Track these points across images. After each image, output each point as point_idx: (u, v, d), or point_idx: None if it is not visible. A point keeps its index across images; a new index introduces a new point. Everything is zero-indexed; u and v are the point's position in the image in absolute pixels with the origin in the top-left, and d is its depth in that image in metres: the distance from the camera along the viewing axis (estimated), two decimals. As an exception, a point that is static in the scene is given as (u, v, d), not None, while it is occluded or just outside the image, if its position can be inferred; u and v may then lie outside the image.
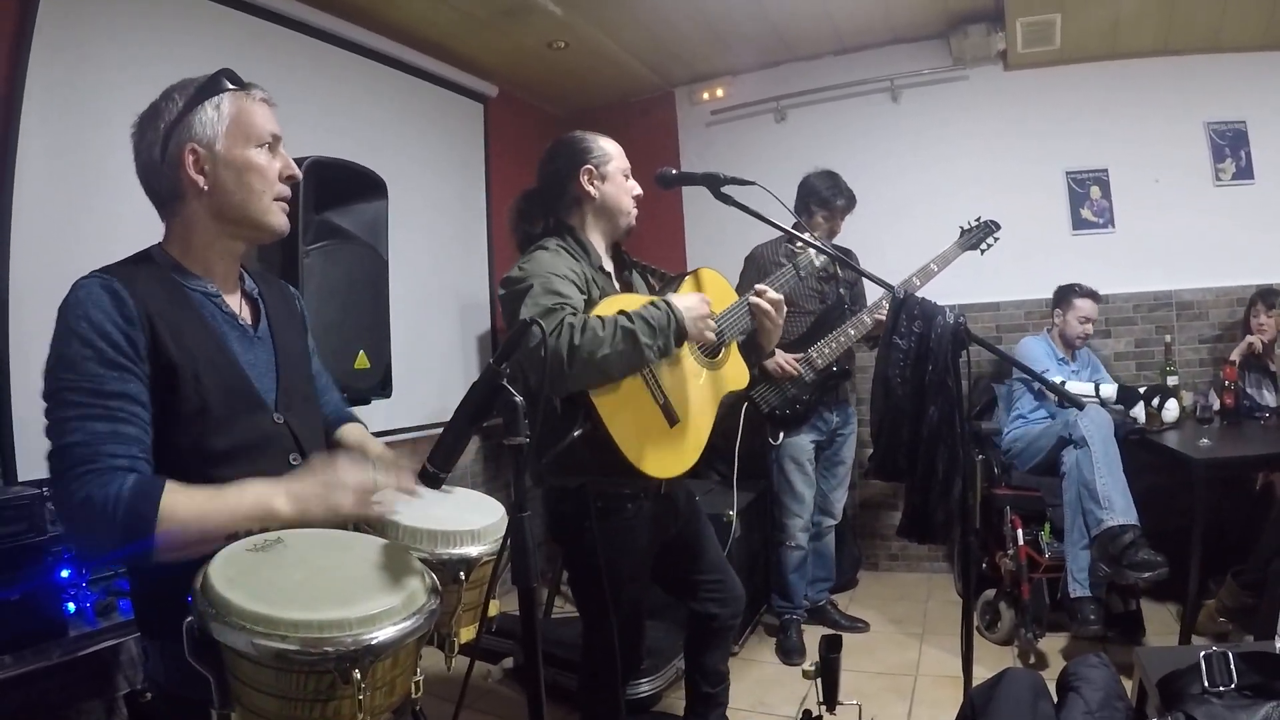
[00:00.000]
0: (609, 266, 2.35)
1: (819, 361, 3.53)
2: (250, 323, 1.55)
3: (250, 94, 1.47)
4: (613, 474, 2.08)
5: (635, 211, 2.34)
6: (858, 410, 4.08)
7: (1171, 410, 3.82)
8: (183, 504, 1.22)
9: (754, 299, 2.32)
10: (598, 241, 2.31)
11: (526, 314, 1.96)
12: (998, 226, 3.53)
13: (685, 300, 2.11)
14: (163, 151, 1.41)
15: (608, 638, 2.20)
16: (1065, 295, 4.15)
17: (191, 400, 1.35)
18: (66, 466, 1.22)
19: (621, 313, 1.99)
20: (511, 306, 2.07)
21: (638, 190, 2.36)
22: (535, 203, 2.37)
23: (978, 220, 3.57)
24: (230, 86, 1.44)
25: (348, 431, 1.82)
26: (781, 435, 3.75)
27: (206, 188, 1.42)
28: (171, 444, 1.34)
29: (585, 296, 2.11)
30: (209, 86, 1.43)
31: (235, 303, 1.53)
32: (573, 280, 2.10)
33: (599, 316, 1.97)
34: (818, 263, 2.70)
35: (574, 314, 1.99)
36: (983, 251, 3.54)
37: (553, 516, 2.31)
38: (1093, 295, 4.11)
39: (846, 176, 3.88)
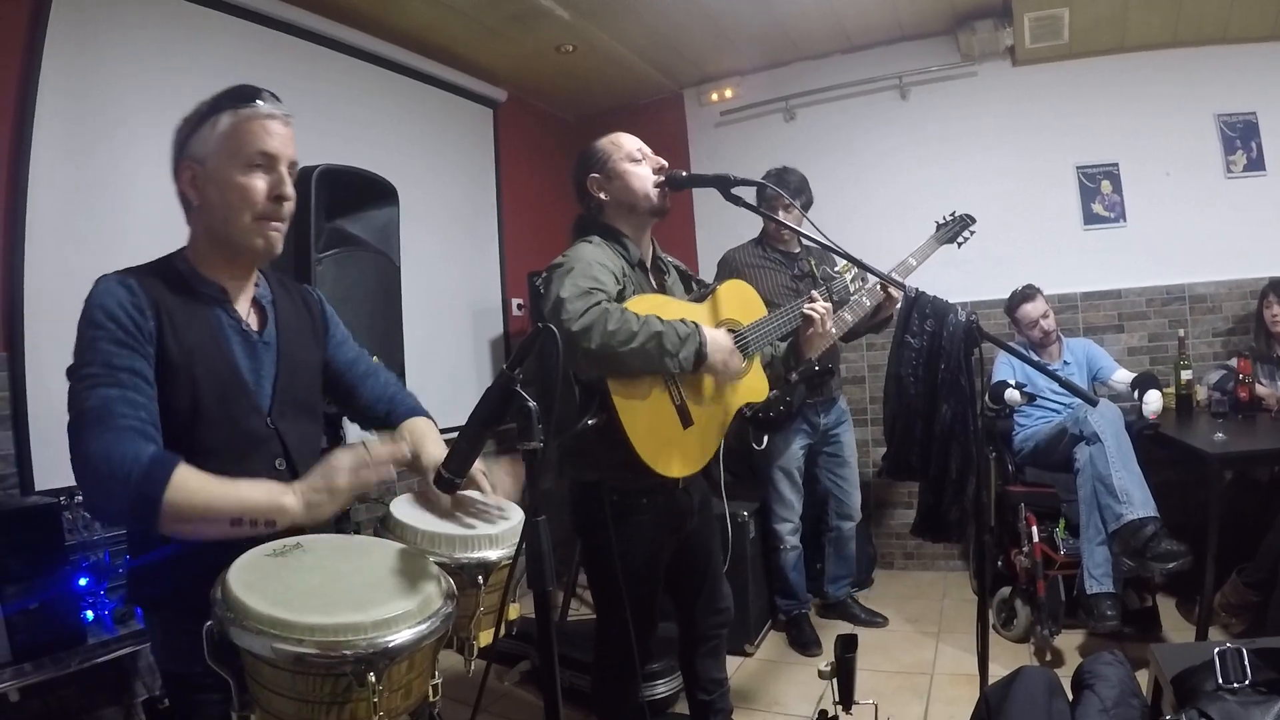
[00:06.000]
0: (648, 263, 2.37)
1: None
2: (256, 329, 1.57)
3: (255, 110, 1.47)
4: (623, 470, 2.10)
5: (654, 191, 2.28)
6: (870, 409, 4.05)
7: (1152, 402, 3.68)
8: (194, 479, 1.27)
9: (809, 305, 2.36)
10: (635, 236, 2.33)
11: (564, 292, 1.99)
12: (973, 220, 3.50)
13: (715, 336, 2.12)
14: (173, 165, 1.49)
15: (621, 630, 2.22)
16: (1009, 314, 4.23)
17: (185, 396, 1.40)
18: (82, 426, 1.29)
19: (655, 316, 2.02)
20: (547, 286, 2.10)
21: (656, 164, 2.33)
22: (583, 216, 2.41)
23: (953, 214, 3.54)
24: (234, 105, 1.46)
25: (411, 427, 1.78)
26: (765, 439, 3.72)
27: (197, 204, 1.48)
28: (167, 436, 1.38)
29: (619, 288, 2.14)
30: (214, 105, 1.47)
31: (244, 309, 1.57)
32: (610, 270, 2.14)
33: (635, 312, 2.00)
34: (852, 290, 2.71)
35: (610, 299, 2.02)
36: (959, 245, 3.51)
37: (572, 509, 2.35)
38: (1027, 295, 4.13)
39: (855, 174, 3.86)
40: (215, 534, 1.27)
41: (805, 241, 3.67)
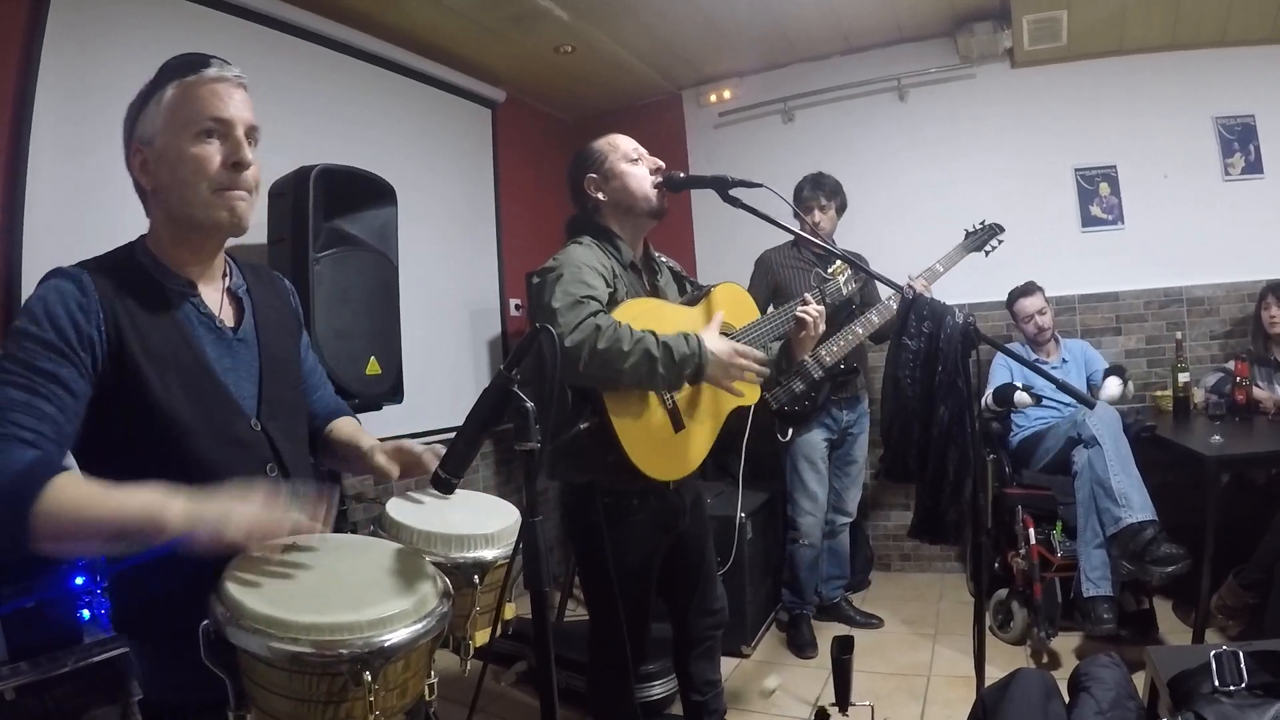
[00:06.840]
0: (640, 264, 2.38)
1: (827, 359, 3.51)
2: (232, 324, 1.46)
3: (202, 76, 1.33)
4: (615, 471, 2.11)
5: (653, 193, 2.29)
6: (870, 410, 4.07)
7: (1110, 388, 3.81)
8: (69, 492, 1.13)
9: (802, 309, 2.37)
10: (629, 237, 2.33)
11: (556, 302, 2.00)
12: (1001, 229, 3.53)
13: (718, 344, 2.10)
14: (125, 153, 1.38)
15: (614, 631, 2.23)
16: (1008, 307, 4.25)
17: (161, 405, 1.29)
18: None
19: (651, 333, 2.00)
20: (539, 293, 2.09)
21: (653, 165, 2.33)
22: (576, 216, 2.41)
23: (982, 223, 3.56)
24: (179, 76, 1.33)
25: (338, 426, 1.71)
26: (790, 432, 3.75)
27: (150, 188, 1.36)
28: (144, 450, 1.29)
29: (611, 290, 2.14)
30: (157, 80, 1.35)
31: (215, 302, 1.45)
32: (600, 274, 2.14)
33: (629, 327, 1.99)
34: (845, 292, 2.72)
35: (602, 312, 2.02)
36: (987, 254, 3.53)
37: (564, 510, 2.36)
38: (1026, 290, 4.16)
39: (854, 176, 3.87)
40: (93, 551, 1.17)
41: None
